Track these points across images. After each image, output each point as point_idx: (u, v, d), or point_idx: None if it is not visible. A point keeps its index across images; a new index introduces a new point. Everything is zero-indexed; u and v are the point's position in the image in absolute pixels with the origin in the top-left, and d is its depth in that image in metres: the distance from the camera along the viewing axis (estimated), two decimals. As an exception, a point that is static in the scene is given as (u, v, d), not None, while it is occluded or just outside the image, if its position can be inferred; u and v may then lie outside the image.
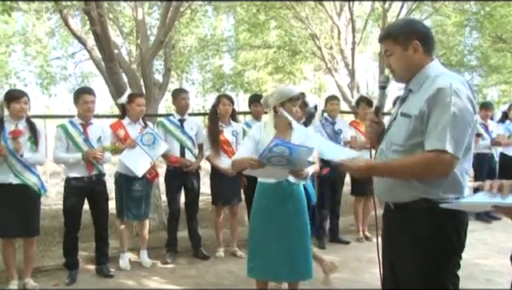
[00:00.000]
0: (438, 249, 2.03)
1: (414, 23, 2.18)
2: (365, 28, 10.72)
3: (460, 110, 1.91)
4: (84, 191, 4.36)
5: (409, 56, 2.09)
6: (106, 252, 4.63)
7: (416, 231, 2.05)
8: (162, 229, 5.90)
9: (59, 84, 11.03)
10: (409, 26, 2.13)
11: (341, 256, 5.07)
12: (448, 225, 2.01)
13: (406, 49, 2.09)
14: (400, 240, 2.13)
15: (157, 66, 9.14)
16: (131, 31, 8.93)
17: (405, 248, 2.11)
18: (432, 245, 2.02)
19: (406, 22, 2.24)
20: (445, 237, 2.02)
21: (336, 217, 5.75)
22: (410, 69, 2.11)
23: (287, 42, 11.39)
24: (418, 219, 2.05)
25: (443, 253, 2.04)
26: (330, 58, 10.56)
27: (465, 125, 1.94)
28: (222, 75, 11.41)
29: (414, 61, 2.09)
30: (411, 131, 2.03)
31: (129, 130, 4.70)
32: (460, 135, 1.93)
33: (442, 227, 2.01)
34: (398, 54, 2.11)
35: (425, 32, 2.12)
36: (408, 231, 2.09)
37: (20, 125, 4.04)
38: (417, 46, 2.08)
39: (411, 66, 2.11)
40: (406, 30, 2.10)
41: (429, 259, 2.03)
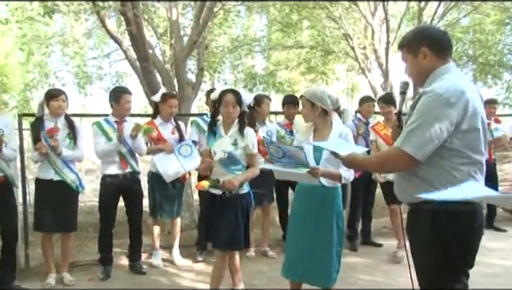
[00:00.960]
0: (437, 250, 2.08)
1: (423, 31, 2.33)
2: (399, 27, 10.54)
3: (432, 115, 2.01)
4: (119, 188, 4.45)
5: (419, 62, 2.21)
6: (139, 249, 4.70)
7: (419, 232, 2.15)
8: (194, 228, 5.95)
9: (95, 83, 11.29)
10: (418, 34, 2.27)
11: (373, 259, 5.00)
12: (449, 227, 2.05)
13: (416, 56, 2.22)
14: (411, 240, 2.24)
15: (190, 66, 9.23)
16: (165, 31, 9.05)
17: (412, 249, 2.22)
18: (431, 245, 2.09)
19: (415, 31, 2.36)
20: (444, 238, 2.06)
21: (368, 219, 5.67)
22: (420, 74, 2.24)
23: (320, 42, 11.32)
24: (422, 220, 2.13)
25: (443, 255, 2.07)
26: (364, 58, 10.44)
27: (435, 130, 2.00)
28: (254, 75, 11.41)
29: (424, 66, 2.20)
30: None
31: (161, 130, 4.76)
32: (425, 138, 2.02)
33: (442, 229, 2.06)
34: (410, 61, 2.26)
35: (436, 38, 2.22)
36: (414, 231, 2.21)
37: (59, 122, 4.16)
38: (426, 52, 2.18)
39: (421, 71, 2.22)
40: (415, 38, 2.23)
41: (429, 259, 2.11)
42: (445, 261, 2.08)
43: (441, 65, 2.18)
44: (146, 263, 4.76)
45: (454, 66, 2.22)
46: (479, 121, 2.07)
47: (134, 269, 4.62)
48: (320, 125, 3.33)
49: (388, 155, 2.26)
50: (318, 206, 3.27)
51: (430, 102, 2.03)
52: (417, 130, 2.04)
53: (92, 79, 10.99)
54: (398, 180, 2.26)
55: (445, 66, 2.17)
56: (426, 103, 2.05)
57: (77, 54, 10.13)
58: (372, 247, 5.49)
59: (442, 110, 2.00)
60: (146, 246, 5.02)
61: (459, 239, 2.07)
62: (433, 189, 2.03)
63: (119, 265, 4.75)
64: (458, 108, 2.00)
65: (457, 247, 2.07)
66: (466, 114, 2.02)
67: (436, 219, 2.06)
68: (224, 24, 9.76)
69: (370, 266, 4.79)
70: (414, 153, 2.04)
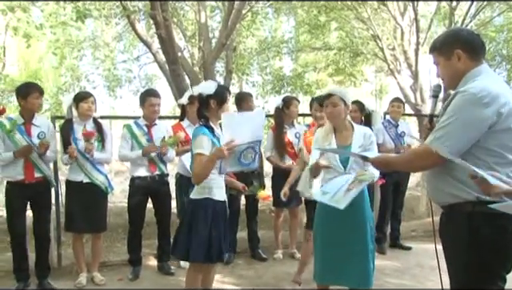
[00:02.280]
0: (473, 253, 2.04)
1: (456, 33, 2.32)
2: (429, 28, 10.36)
3: (460, 115, 2.00)
4: (148, 190, 4.51)
5: (452, 64, 2.19)
6: (167, 250, 4.73)
7: (454, 234, 2.12)
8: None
9: (124, 86, 11.49)
10: (451, 36, 2.25)
11: (402, 262, 4.93)
12: (486, 229, 2.02)
13: (449, 58, 2.19)
14: (445, 243, 2.21)
15: (218, 68, 9.30)
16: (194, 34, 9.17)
17: (446, 252, 2.19)
18: (467, 248, 2.05)
19: (448, 33, 2.36)
20: (481, 241, 2.03)
21: (397, 222, 5.59)
22: (454, 76, 2.20)
23: (348, 44, 11.23)
24: (457, 222, 2.10)
25: (479, 258, 2.04)
26: (393, 59, 10.30)
27: (467, 130, 2.00)
28: (281, 77, 11.40)
29: (458, 68, 2.18)
30: None
31: (189, 133, 4.78)
32: (456, 138, 2.01)
33: (479, 231, 2.03)
34: (443, 63, 2.23)
35: (469, 40, 2.19)
36: (449, 234, 2.17)
37: (88, 125, 4.25)
38: (460, 54, 2.16)
39: (456, 73, 2.19)
40: (448, 40, 2.21)
41: (464, 262, 2.07)
42: (481, 264, 2.04)
43: (474, 66, 2.15)
44: (174, 265, 4.81)
45: (487, 68, 2.20)
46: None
47: (162, 270, 4.67)
48: (341, 126, 3.31)
49: (418, 153, 2.25)
50: (350, 207, 3.23)
51: (463, 102, 2.02)
52: (447, 129, 2.03)
53: (122, 82, 11.19)
54: (433, 181, 2.23)
55: (478, 68, 2.15)
56: (459, 102, 2.03)
57: (107, 57, 10.35)
58: (401, 250, 5.41)
59: (474, 110, 1.98)
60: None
61: (496, 242, 2.03)
62: (470, 190, 2.02)
63: (148, 266, 4.81)
64: (491, 108, 1.98)
65: (493, 250, 2.04)
66: (501, 114, 1.99)
67: (473, 221, 2.04)
68: (252, 26, 9.81)
69: (398, 269, 4.72)
70: (444, 151, 2.01)
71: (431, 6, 11.01)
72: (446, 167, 2.09)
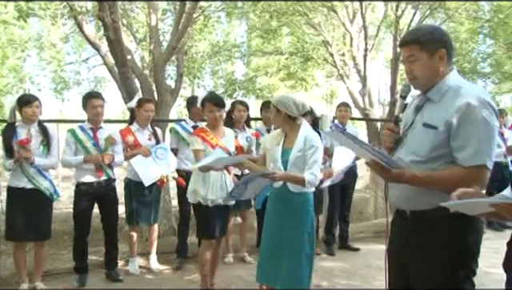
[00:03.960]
0: (457, 253, 2.06)
1: (441, 30, 2.17)
2: (377, 35, 10.68)
3: (491, 123, 1.95)
4: (94, 195, 4.39)
5: (434, 64, 2.06)
6: (115, 257, 4.65)
7: (435, 236, 2.07)
8: (172, 234, 5.92)
9: (72, 89, 11.16)
10: (437, 32, 2.11)
11: (350, 263, 5.04)
12: (466, 230, 2.05)
13: (432, 56, 2.06)
14: (416, 244, 2.14)
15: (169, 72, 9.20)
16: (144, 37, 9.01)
17: (423, 251, 2.12)
18: (451, 249, 2.05)
19: (434, 28, 2.19)
20: (463, 242, 2.05)
21: (346, 224, 5.72)
22: (432, 76, 2.08)
23: (299, 49, 11.39)
24: (436, 225, 2.06)
25: (461, 257, 2.07)
26: (342, 64, 10.55)
27: (495, 137, 1.99)
28: (233, 81, 11.43)
29: (439, 69, 2.07)
30: (436, 144, 2.03)
31: (138, 137, 4.73)
32: (492, 148, 1.99)
33: (460, 233, 2.04)
34: (424, 61, 2.07)
35: (450, 41, 2.11)
36: (426, 235, 2.10)
37: (32, 129, 4.09)
38: (443, 54, 2.06)
39: (435, 74, 2.08)
40: (435, 36, 2.07)
41: (448, 261, 2.07)
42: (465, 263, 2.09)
43: (450, 70, 2.09)
44: (123, 271, 4.71)
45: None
46: None
47: (110, 277, 4.56)
48: (288, 130, 3.39)
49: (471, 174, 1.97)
50: (288, 211, 3.32)
51: (486, 111, 1.95)
52: (487, 142, 1.96)
53: (69, 85, 10.86)
54: (405, 189, 2.12)
55: (455, 73, 2.11)
56: (483, 112, 1.94)
57: (54, 58, 10.01)
58: (349, 251, 5.54)
59: (494, 118, 1.97)
60: (123, 253, 4.97)
61: (470, 243, 2.09)
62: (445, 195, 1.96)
63: (95, 273, 4.68)
64: (497, 115, 2.01)
65: (469, 250, 2.09)
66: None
67: (453, 222, 2.01)
68: (204, 30, 9.76)
69: (346, 270, 4.83)
70: (490, 165, 1.99)
71: (379, 14, 11.37)
72: None
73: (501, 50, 12.55)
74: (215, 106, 3.79)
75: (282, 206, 3.36)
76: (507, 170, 6.72)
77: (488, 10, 11.68)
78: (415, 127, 2.13)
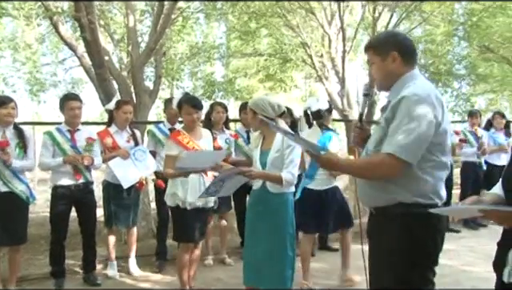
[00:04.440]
0: (409, 252, 2.09)
1: (394, 35, 2.34)
2: (355, 37, 10.80)
3: (418, 119, 2.00)
4: (71, 199, 4.33)
5: (387, 66, 2.20)
6: (93, 260, 4.59)
7: (389, 235, 2.13)
8: (151, 237, 5.87)
9: (49, 90, 10.95)
10: (389, 37, 2.28)
11: (330, 264, 5.08)
12: (420, 229, 2.09)
13: (384, 59, 2.20)
14: (376, 244, 2.23)
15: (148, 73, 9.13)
16: (122, 38, 8.94)
17: (379, 251, 2.20)
18: (403, 248, 2.09)
19: (386, 34, 2.42)
20: (416, 241, 2.09)
21: (325, 225, 5.74)
22: (387, 78, 2.22)
23: (278, 50, 11.44)
24: (392, 223, 2.13)
25: (415, 256, 2.10)
26: (321, 66, 10.63)
27: (424, 134, 2.01)
28: (212, 83, 11.41)
29: (392, 70, 2.19)
30: (378, 139, 2.16)
31: (116, 139, 4.68)
32: (414, 142, 2.00)
33: (414, 231, 2.08)
34: (378, 63, 2.23)
35: (405, 44, 2.23)
36: (383, 234, 2.17)
37: (7, 132, 4.01)
38: (395, 56, 2.18)
39: (389, 75, 2.21)
40: (386, 41, 2.23)
41: (401, 261, 2.10)
42: (419, 262, 2.11)
43: (407, 71, 2.19)
44: (102, 275, 4.65)
45: (419, 73, 2.26)
46: (447, 126, 2.13)
47: (88, 281, 4.51)
48: (266, 132, 3.41)
49: (377, 161, 2.10)
50: (270, 213, 3.33)
51: (414, 106, 2.01)
52: (408, 135, 2.00)
53: (46, 86, 10.66)
54: (369, 186, 2.22)
55: (413, 73, 2.20)
56: (410, 107, 2.02)
57: (29, 59, 9.82)
58: (329, 251, 5.57)
59: (427, 113, 2.01)
60: (101, 257, 4.91)
61: (431, 241, 2.12)
62: (406, 193, 2.08)
63: (72, 278, 4.62)
64: (438, 111, 2.05)
65: (425, 249, 2.12)
66: (443, 117, 2.07)
67: (408, 222, 2.08)
68: (182, 31, 9.72)
69: (326, 271, 4.87)
70: (409, 159, 2.01)
71: (357, 16, 11.50)
72: None
73: (475, 53, 12.82)
74: (192, 108, 3.76)
75: (261, 207, 3.37)
76: (481, 169, 6.86)
77: (462, 14, 11.92)
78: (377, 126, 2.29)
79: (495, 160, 6.89)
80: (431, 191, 2.10)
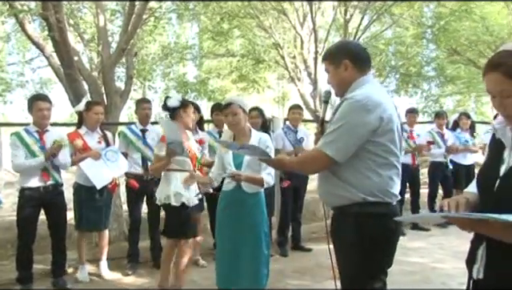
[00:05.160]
0: (360, 250, 2.17)
1: (345, 45, 2.53)
2: (327, 38, 10.91)
3: (348, 119, 2.13)
4: (40, 201, 4.23)
5: (340, 73, 2.33)
6: (63, 264, 4.49)
7: (345, 234, 2.23)
8: (123, 239, 5.79)
9: (15, 91, 10.67)
10: (341, 47, 2.45)
11: (302, 263, 5.11)
12: (372, 228, 2.17)
13: (338, 67, 2.33)
14: (336, 243, 2.33)
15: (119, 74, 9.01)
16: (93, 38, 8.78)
17: (339, 250, 2.32)
18: (355, 247, 2.18)
19: (338, 44, 2.58)
20: (367, 240, 2.16)
21: (298, 225, 5.78)
22: (341, 84, 2.35)
23: (251, 51, 11.47)
24: (347, 222, 2.22)
25: (365, 256, 2.17)
26: (293, 67, 10.70)
27: (353, 134, 2.13)
28: (185, 83, 11.35)
29: (345, 78, 2.32)
30: None
31: (87, 140, 4.60)
32: (339, 140, 2.14)
33: (365, 230, 2.17)
34: (332, 71, 2.37)
35: (356, 52, 2.36)
36: (340, 233, 2.28)
37: (-28, 133, 3.90)
38: (347, 64, 2.30)
39: (342, 82, 2.34)
40: (338, 51, 2.38)
41: (352, 260, 2.20)
42: (367, 261, 2.18)
43: (360, 76, 2.30)
44: (72, 279, 4.56)
45: (372, 78, 2.38)
46: (394, 128, 2.20)
47: (57, 286, 4.40)
48: (241, 132, 3.40)
49: (310, 156, 2.37)
50: (245, 213, 3.32)
51: (349, 108, 2.16)
52: (336, 133, 2.15)
53: (12, 86, 10.38)
54: (325, 185, 2.33)
55: (364, 78, 2.31)
56: (345, 109, 2.17)
57: (-7, 59, 9.56)
58: (302, 251, 5.60)
59: (359, 116, 2.12)
60: (71, 260, 4.81)
61: (379, 240, 2.18)
62: (357, 192, 2.16)
63: (41, 283, 4.50)
64: (374, 114, 2.12)
65: (378, 247, 2.18)
66: (383, 120, 2.14)
67: (358, 221, 2.17)
68: (154, 31, 9.62)
69: (298, 270, 4.89)
70: (333, 155, 2.15)
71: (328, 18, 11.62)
72: (335, 170, 2.22)
73: (443, 55, 13.14)
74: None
75: (236, 208, 3.36)
76: (448, 169, 7.03)
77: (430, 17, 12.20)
78: None
79: (461, 160, 7.09)
80: (379, 189, 2.17)
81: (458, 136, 7.17)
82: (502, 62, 1.49)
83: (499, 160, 1.59)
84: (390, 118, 2.18)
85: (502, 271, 1.52)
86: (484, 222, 1.42)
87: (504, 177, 1.54)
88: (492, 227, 1.42)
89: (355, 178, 2.17)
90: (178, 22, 12.28)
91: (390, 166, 2.20)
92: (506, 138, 1.59)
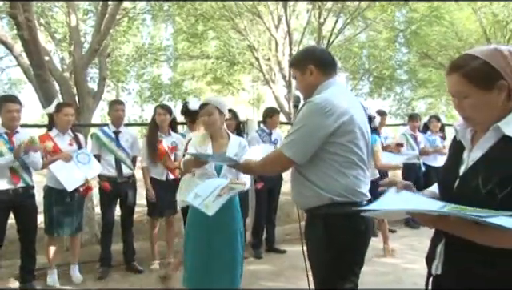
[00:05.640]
0: (329, 252, 2.21)
1: (310, 51, 2.54)
2: (301, 41, 11.00)
3: (305, 121, 2.19)
4: (9, 204, 4.12)
5: (306, 78, 2.39)
6: (32, 269, 4.38)
7: (313, 235, 2.28)
8: (95, 243, 5.69)
9: (-17, 91, 10.41)
10: (305, 54, 2.50)
11: (277, 265, 5.12)
12: (340, 229, 2.20)
13: (304, 73, 2.39)
14: (308, 244, 2.36)
15: (91, 75, 8.88)
16: (64, 38, 8.64)
17: (311, 252, 2.34)
18: (324, 248, 2.21)
19: (303, 51, 2.64)
20: (336, 241, 2.20)
21: (272, 226, 5.80)
22: (308, 88, 2.40)
23: (226, 53, 11.48)
24: (317, 224, 2.25)
25: (335, 256, 2.21)
26: (268, 69, 10.74)
27: (311, 136, 2.18)
28: (159, 85, 11.28)
29: (311, 81, 2.37)
30: None
31: (57, 142, 4.50)
32: (302, 144, 2.20)
33: (334, 231, 2.20)
34: (299, 77, 2.44)
35: (321, 57, 2.42)
36: (312, 234, 2.31)
37: None
38: (312, 69, 2.36)
39: (308, 85, 2.39)
40: (303, 57, 2.45)
41: (322, 261, 2.24)
42: (337, 262, 2.21)
43: (325, 80, 2.36)
44: (41, 284, 4.46)
45: (336, 81, 2.42)
46: (356, 128, 2.23)
47: (26, 291, 4.30)
48: (218, 134, 3.38)
49: (271, 158, 2.42)
50: (221, 213, 3.29)
51: (308, 111, 2.21)
52: (295, 135, 2.21)
53: (-21, 86, 10.13)
54: (296, 188, 2.35)
55: (329, 81, 2.36)
56: (305, 111, 2.22)
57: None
58: (276, 253, 5.62)
59: (317, 118, 2.17)
60: (41, 265, 4.70)
61: (348, 241, 2.21)
62: (324, 193, 2.19)
63: (8, 288, 4.39)
64: (332, 117, 2.16)
65: (346, 248, 2.21)
66: (341, 122, 2.17)
67: (327, 222, 2.20)
68: (128, 32, 9.53)
69: (273, 272, 4.90)
70: (291, 155, 2.21)
71: (303, 21, 11.73)
72: (303, 172, 2.25)
73: (415, 59, 13.40)
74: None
75: None
76: (420, 170, 7.15)
77: (402, 21, 12.43)
78: None
79: (432, 162, 7.23)
80: (346, 189, 2.20)
81: (429, 139, 7.32)
82: (462, 65, 1.54)
83: (459, 161, 1.64)
84: (351, 120, 2.20)
85: (459, 267, 1.58)
86: (444, 218, 1.46)
87: (463, 177, 1.59)
88: (452, 223, 1.47)
89: (321, 179, 2.21)
90: (153, 23, 12.19)
91: (353, 165, 2.23)
92: (465, 140, 1.64)
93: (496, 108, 1.51)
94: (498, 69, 1.49)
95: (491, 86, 1.49)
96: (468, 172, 1.57)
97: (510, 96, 1.51)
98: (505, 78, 1.48)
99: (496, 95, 1.50)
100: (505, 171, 1.45)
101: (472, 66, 1.51)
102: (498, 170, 1.47)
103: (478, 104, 1.53)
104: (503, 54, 1.51)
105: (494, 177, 1.46)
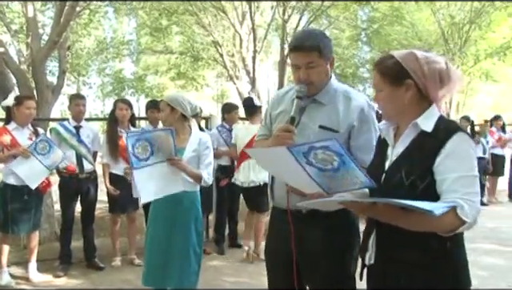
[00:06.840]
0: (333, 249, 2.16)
1: (329, 38, 2.25)
2: (265, 37, 11.06)
3: (376, 125, 2.16)
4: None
5: (328, 70, 2.16)
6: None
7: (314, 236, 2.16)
8: (54, 240, 5.57)
9: None
10: (329, 41, 2.19)
11: (240, 261, 5.16)
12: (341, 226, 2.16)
13: (327, 63, 2.15)
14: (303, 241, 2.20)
15: (51, 68, 8.65)
16: (21, 29, 8.37)
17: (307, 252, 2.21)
18: (328, 245, 2.15)
19: (326, 36, 2.22)
20: (338, 237, 2.16)
21: (235, 223, 5.83)
22: (324, 80, 2.17)
23: (190, 48, 11.41)
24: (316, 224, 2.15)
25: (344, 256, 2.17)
26: (232, 65, 10.75)
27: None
28: (122, 79, 11.12)
29: (328, 74, 2.18)
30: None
31: (16, 136, 4.36)
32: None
33: (334, 228, 2.13)
34: (323, 67, 2.13)
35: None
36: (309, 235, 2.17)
37: None
38: (333, 60, 2.22)
39: (326, 77, 2.17)
40: (330, 45, 2.16)
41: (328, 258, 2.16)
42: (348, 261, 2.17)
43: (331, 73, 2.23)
44: (-3, 284, 4.33)
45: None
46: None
47: (-20, 292, 4.17)
48: (179, 130, 3.38)
49: None
50: (180, 210, 3.30)
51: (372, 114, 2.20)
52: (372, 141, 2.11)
53: None
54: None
55: (334, 77, 2.28)
56: (371, 116, 2.19)
57: None
58: (238, 249, 5.65)
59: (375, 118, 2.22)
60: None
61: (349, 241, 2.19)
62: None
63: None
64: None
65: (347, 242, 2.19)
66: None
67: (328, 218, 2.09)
68: (89, 25, 9.32)
69: (235, 268, 4.94)
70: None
71: (267, 17, 11.78)
72: None
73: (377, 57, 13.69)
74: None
75: (172, 205, 3.32)
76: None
77: (364, 20, 12.70)
78: (307, 128, 2.16)
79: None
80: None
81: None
82: (380, 62, 1.71)
83: (384, 157, 1.77)
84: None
85: (389, 256, 1.69)
86: (374, 206, 1.59)
87: (388, 171, 1.71)
88: (380, 210, 1.58)
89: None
90: (115, 16, 11.99)
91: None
92: (388, 137, 1.79)
93: (402, 103, 1.67)
94: (408, 69, 1.64)
95: (399, 83, 1.65)
96: (392, 167, 1.70)
97: (422, 96, 1.66)
98: (413, 78, 1.64)
99: (403, 92, 1.66)
100: (424, 163, 1.59)
101: (386, 64, 1.69)
102: (418, 163, 1.60)
103: (387, 98, 1.70)
104: (417, 57, 1.65)
105: (416, 170, 1.60)
